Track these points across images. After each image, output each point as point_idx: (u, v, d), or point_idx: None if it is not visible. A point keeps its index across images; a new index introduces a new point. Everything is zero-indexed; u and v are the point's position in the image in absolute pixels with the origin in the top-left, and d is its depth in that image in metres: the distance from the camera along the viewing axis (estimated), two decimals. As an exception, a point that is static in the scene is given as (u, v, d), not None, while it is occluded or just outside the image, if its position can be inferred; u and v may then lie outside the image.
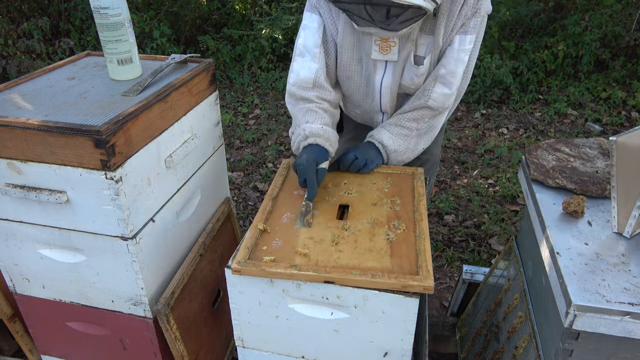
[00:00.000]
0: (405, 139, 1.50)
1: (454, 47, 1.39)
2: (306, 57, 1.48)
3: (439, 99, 1.45)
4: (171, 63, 1.53)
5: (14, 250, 1.40)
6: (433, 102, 1.46)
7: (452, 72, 1.42)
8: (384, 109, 1.59)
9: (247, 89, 5.19)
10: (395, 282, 1.06)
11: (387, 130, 1.50)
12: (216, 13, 5.97)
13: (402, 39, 1.40)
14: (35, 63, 4.19)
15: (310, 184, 1.33)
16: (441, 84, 1.44)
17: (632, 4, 4.90)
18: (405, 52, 1.42)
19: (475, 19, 1.36)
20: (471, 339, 1.80)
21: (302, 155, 1.38)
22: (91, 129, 1.11)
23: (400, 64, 1.45)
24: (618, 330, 1.02)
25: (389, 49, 1.42)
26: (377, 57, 1.44)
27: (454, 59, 1.40)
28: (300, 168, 1.35)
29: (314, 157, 1.36)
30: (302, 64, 1.48)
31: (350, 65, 1.50)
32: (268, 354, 1.27)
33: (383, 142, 1.49)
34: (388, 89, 1.51)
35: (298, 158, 1.39)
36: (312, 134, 1.41)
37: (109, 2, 1.32)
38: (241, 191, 3.43)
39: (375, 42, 1.42)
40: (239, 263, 1.12)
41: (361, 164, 1.46)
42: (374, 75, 1.49)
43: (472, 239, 2.89)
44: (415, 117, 1.49)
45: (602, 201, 1.34)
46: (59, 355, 1.64)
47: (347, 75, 1.52)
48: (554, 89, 4.87)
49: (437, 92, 1.44)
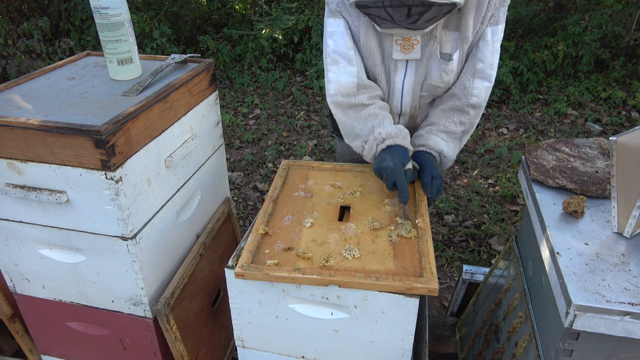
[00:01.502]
0: (454, 143, 1.49)
1: (487, 39, 1.37)
2: (341, 62, 1.41)
3: (481, 94, 1.43)
4: (171, 63, 1.53)
5: (14, 250, 1.40)
6: (476, 99, 1.43)
7: (490, 64, 1.39)
8: (404, 111, 1.53)
9: (247, 89, 5.19)
10: (400, 285, 1.06)
11: (439, 137, 1.46)
12: (216, 13, 5.97)
13: (425, 37, 1.36)
14: (35, 63, 4.20)
15: (401, 186, 1.30)
16: (480, 79, 1.41)
17: (632, 4, 4.90)
18: (428, 50, 1.38)
19: (504, 7, 1.35)
20: (471, 339, 1.80)
21: (386, 157, 1.34)
22: (91, 129, 1.11)
23: (423, 62, 1.41)
24: (618, 330, 1.02)
25: (411, 47, 1.38)
26: (398, 56, 1.40)
27: (489, 51, 1.38)
28: (388, 172, 1.32)
29: (400, 158, 1.34)
30: (339, 71, 1.41)
31: (375, 67, 1.45)
32: (268, 354, 1.27)
33: (443, 152, 1.46)
34: (410, 89, 1.47)
35: (382, 161, 1.35)
36: (390, 136, 1.37)
37: (109, 2, 1.32)
38: (241, 191, 3.43)
39: (397, 42, 1.38)
40: (242, 267, 1.11)
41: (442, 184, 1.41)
42: (395, 75, 1.45)
43: (472, 239, 2.89)
44: (461, 120, 1.46)
45: (602, 201, 1.34)
46: (59, 355, 1.64)
47: (374, 77, 1.47)
48: (554, 89, 4.87)
49: (478, 87, 1.41)
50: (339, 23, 1.41)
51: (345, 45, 1.40)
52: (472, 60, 1.41)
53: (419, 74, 1.44)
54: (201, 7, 5.97)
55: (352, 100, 1.42)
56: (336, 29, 1.41)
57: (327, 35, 1.43)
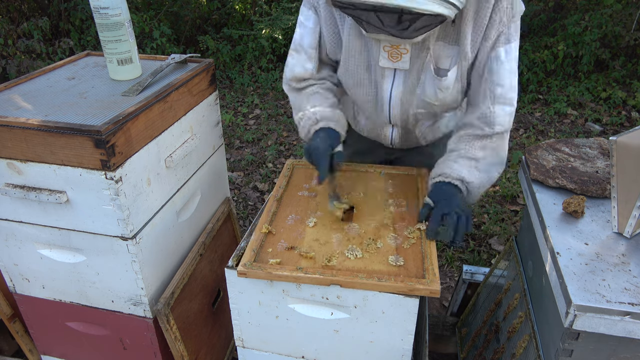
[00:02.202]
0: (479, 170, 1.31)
1: (501, 59, 1.25)
2: (302, 55, 1.43)
3: (505, 122, 1.30)
4: (171, 63, 1.53)
5: (14, 250, 1.40)
6: (500, 127, 1.29)
7: (510, 87, 1.28)
8: (394, 122, 1.47)
9: (247, 89, 5.19)
10: (402, 286, 1.06)
11: (458, 163, 1.31)
12: (216, 13, 5.97)
13: (415, 47, 1.28)
14: (35, 63, 4.20)
15: (322, 168, 1.28)
16: (501, 105, 1.28)
17: (632, 4, 4.90)
18: (419, 61, 1.30)
19: (515, 24, 1.25)
20: (471, 339, 1.80)
21: (316, 139, 1.33)
22: (91, 129, 1.11)
23: (413, 74, 1.33)
24: (618, 330, 1.02)
25: (399, 56, 1.30)
26: (385, 64, 1.32)
27: (507, 72, 1.26)
28: (315, 152, 1.30)
29: (329, 141, 1.32)
30: (297, 60, 1.44)
31: (358, 71, 1.39)
32: (268, 354, 1.27)
33: (464, 178, 1.29)
34: (399, 99, 1.39)
35: (311, 143, 1.33)
36: (324, 118, 1.36)
37: (109, 2, 1.32)
38: (241, 191, 3.43)
39: (384, 48, 1.30)
40: (245, 266, 1.12)
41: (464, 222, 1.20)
42: (382, 83, 1.37)
43: (472, 239, 2.89)
44: (483, 145, 1.31)
45: (602, 201, 1.34)
46: (59, 355, 1.64)
47: (356, 82, 1.41)
48: (554, 89, 4.87)
49: (500, 114, 1.29)
50: (310, 17, 1.39)
51: (309, 42, 1.40)
52: (487, 86, 1.29)
53: (407, 85, 1.36)
54: (201, 7, 5.97)
55: (302, 85, 1.46)
56: (306, 22, 1.40)
57: (298, 23, 1.43)
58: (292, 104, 1.51)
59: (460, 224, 1.19)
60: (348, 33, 1.34)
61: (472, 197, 1.32)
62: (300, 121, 1.42)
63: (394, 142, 1.56)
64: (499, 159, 1.35)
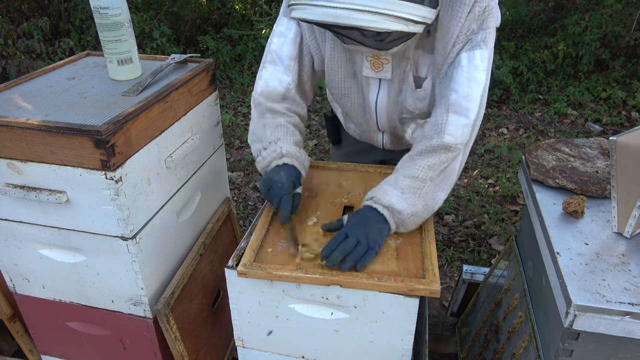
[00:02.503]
0: (419, 195, 1.20)
1: (462, 65, 1.17)
2: (279, 66, 1.34)
3: (456, 133, 1.18)
4: (171, 63, 1.53)
5: (14, 250, 1.40)
6: (449, 138, 1.18)
7: (466, 95, 1.16)
8: (382, 129, 1.46)
9: (247, 89, 5.19)
10: (402, 286, 1.06)
11: (394, 187, 1.20)
12: (216, 13, 5.97)
13: (396, 57, 1.26)
14: (35, 63, 4.19)
15: (285, 206, 1.22)
16: (455, 114, 1.17)
17: (632, 4, 4.90)
18: (400, 71, 1.28)
19: (485, 32, 1.16)
20: (471, 339, 1.80)
21: (280, 173, 1.26)
22: (91, 129, 1.11)
23: (395, 83, 1.31)
24: (618, 330, 1.02)
25: (381, 66, 1.28)
26: (368, 74, 1.31)
27: (465, 80, 1.16)
28: (278, 186, 1.24)
29: (292, 178, 1.26)
30: (273, 73, 1.35)
31: (345, 81, 1.37)
32: (268, 354, 1.27)
33: (392, 206, 1.18)
34: (384, 108, 1.37)
35: (274, 175, 1.27)
36: (290, 154, 1.29)
37: (109, 2, 1.32)
38: (241, 191, 3.43)
39: (367, 58, 1.28)
40: (245, 266, 1.12)
41: (362, 252, 1.12)
42: (368, 93, 1.36)
43: (472, 239, 2.89)
44: (430, 165, 1.19)
45: (602, 201, 1.34)
46: (59, 355, 1.64)
47: (343, 92, 1.40)
48: (554, 89, 4.87)
49: (453, 124, 1.17)
50: (291, 27, 1.33)
51: (289, 53, 1.33)
52: (444, 91, 1.21)
53: (391, 95, 1.34)
54: (201, 7, 5.97)
55: (272, 105, 1.35)
56: (287, 32, 1.33)
57: (276, 34, 1.35)
58: (252, 124, 1.41)
59: (353, 253, 1.11)
60: (332, 44, 1.32)
61: (407, 225, 1.21)
62: (262, 151, 1.33)
63: (385, 146, 1.56)
64: (446, 183, 1.23)
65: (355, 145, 1.70)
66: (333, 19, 0.99)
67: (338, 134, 1.73)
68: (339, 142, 1.75)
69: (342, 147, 1.77)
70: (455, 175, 1.24)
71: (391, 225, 1.19)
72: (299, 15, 1.04)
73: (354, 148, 1.71)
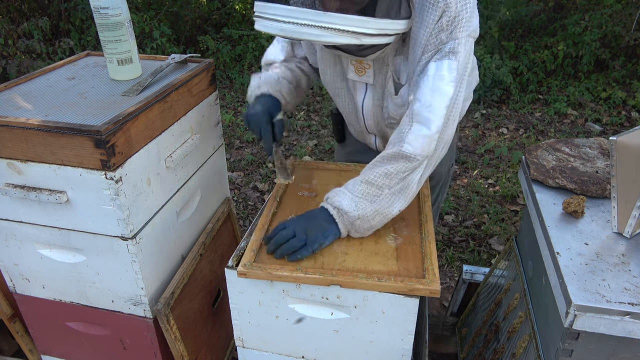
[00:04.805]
0: (372, 200, 1.17)
1: (428, 75, 1.15)
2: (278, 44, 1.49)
3: (416, 143, 1.15)
4: (171, 63, 1.53)
5: (14, 250, 1.40)
6: (408, 147, 1.15)
7: (428, 105, 1.14)
8: (371, 131, 1.49)
9: (247, 89, 5.19)
10: (402, 286, 1.06)
11: (349, 191, 1.19)
12: (216, 13, 5.97)
13: (377, 63, 1.26)
14: (35, 63, 4.20)
15: (265, 136, 1.26)
16: (417, 123, 1.15)
17: (632, 4, 4.90)
18: (381, 77, 1.29)
19: (453, 42, 1.13)
20: (471, 339, 1.80)
21: (255, 105, 1.33)
22: (91, 129, 1.11)
23: (378, 88, 1.33)
24: (618, 330, 1.02)
25: (363, 70, 1.30)
26: (353, 77, 1.34)
27: (429, 89, 1.14)
28: (255, 118, 1.29)
29: (267, 107, 1.31)
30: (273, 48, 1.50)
31: (335, 82, 1.41)
32: (268, 354, 1.27)
33: (341, 207, 1.17)
34: (370, 111, 1.39)
35: (250, 108, 1.33)
36: (266, 82, 1.35)
37: (109, 2, 1.32)
38: (241, 191, 3.43)
39: (351, 62, 1.31)
40: (245, 266, 1.12)
41: (297, 246, 1.12)
42: (355, 95, 1.40)
43: (472, 239, 2.89)
44: (387, 172, 1.17)
45: (602, 201, 1.34)
46: (59, 355, 1.64)
47: (335, 93, 1.45)
48: (554, 89, 4.88)
49: (414, 133, 1.15)
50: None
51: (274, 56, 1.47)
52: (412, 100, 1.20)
53: (375, 99, 1.35)
54: (201, 7, 5.97)
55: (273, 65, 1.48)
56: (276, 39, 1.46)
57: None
58: None
59: (287, 245, 1.12)
60: (320, 47, 1.36)
61: (358, 229, 1.19)
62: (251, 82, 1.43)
63: (378, 148, 1.56)
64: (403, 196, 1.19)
65: (357, 144, 1.71)
66: (281, 32, 1.04)
67: (342, 132, 1.74)
68: (344, 139, 1.76)
69: (346, 146, 1.78)
70: (414, 187, 1.20)
71: (340, 226, 1.19)
72: (257, 27, 1.11)
73: (357, 147, 1.72)
